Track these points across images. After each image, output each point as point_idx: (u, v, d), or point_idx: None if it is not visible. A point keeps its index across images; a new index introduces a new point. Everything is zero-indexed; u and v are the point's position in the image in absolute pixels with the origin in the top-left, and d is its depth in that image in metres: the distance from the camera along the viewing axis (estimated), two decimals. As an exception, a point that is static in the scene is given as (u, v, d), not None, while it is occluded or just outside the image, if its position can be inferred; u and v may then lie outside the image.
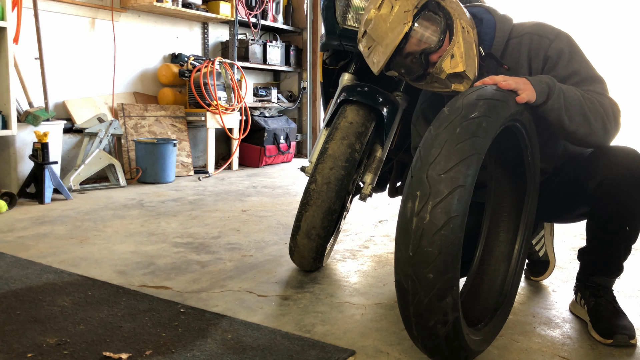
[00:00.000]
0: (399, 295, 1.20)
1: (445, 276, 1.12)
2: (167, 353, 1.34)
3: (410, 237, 1.14)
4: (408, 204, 1.17)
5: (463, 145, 1.15)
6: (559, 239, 2.48)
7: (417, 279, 1.14)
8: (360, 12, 2.04)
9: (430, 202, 1.13)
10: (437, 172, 1.14)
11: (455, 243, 1.12)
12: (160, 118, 4.38)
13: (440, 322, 1.16)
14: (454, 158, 1.15)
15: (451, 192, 1.12)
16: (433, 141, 1.19)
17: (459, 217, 1.12)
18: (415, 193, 1.16)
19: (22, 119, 3.28)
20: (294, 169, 4.94)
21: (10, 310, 1.58)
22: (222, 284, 1.86)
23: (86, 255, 2.17)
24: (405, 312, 1.21)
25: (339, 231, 2.19)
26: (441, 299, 1.14)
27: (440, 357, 1.25)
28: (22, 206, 3.05)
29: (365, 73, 2.21)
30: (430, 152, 1.18)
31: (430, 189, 1.14)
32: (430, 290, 1.13)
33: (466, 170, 1.14)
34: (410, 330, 1.24)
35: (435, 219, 1.12)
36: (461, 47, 1.48)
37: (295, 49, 5.73)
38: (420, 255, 1.13)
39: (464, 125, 1.18)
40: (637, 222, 1.48)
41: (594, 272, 1.57)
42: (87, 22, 4.07)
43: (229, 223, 2.78)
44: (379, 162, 2.03)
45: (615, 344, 1.43)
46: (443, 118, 1.23)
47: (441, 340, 1.19)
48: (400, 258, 1.17)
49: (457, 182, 1.13)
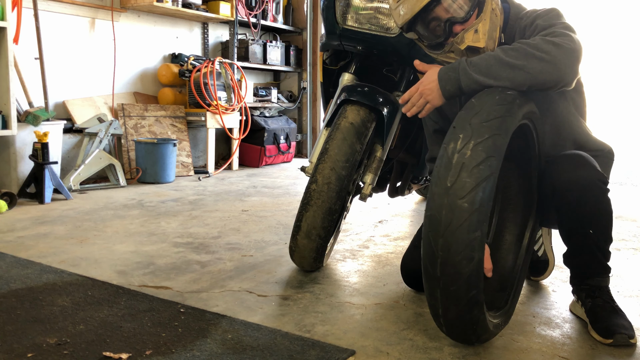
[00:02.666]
0: (429, 230, 1.28)
1: (478, 207, 1.22)
2: (167, 353, 1.34)
3: (450, 169, 1.26)
4: (450, 145, 1.31)
5: (500, 108, 1.33)
6: (559, 238, 2.48)
7: (452, 208, 1.24)
8: (360, 12, 2.04)
9: (472, 141, 1.28)
10: (479, 120, 1.31)
11: (490, 180, 1.24)
12: (160, 118, 4.38)
13: (468, 257, 1.23)
14: (494, 113, 1.32)
15: (491, 136, 1.27)
16: (476, 101, 1.37)
17: (495, 158, 1.25)
18: (458, 135, 1.31)
19: (22, 119, 3.28)
20: (294, 169, 4.94)
21: (10, 310, 1.58)
22: (222, 284, 1.86)
23: (86, 255, 2.17)
24: (432, 248, 1.27)
25: (339, 231, 2.19)
26: (472, 231, 1.22)
27: (456, 309, 1.28)
28: (22, 206, 3.05)
29: (365, 73, 2.21)
30: (474, 106, 1.35)
31: (473, 132, 1.29)
32: (463, 219, 1.23)
33: (503, 125, 1.30)
34: (432, 271, 1.28)
35: (475, 155, 1.26)
36: (486, 25, 1.51)
37: (295, 49, 5.73)
38: (458, 184, 1.24)
39: (501, 97, 1.37)
40: (599, 225, 1.48)
41: (583, 275, 1.58)
42: (87, 22, 4.07)
43: (229, 223, 2.78)
44: (379, 162, 2.04)
45: (615, 344, 1.43)
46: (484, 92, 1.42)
47: (463, 283, 1.24)
48: (437, 191, 1.28)
49: (495, 130, 1.28)
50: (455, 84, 1.45)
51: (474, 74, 1.42)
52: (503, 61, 1.41)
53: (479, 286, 1.26)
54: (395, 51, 2.03)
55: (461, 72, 1.44)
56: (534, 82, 1.41)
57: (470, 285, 1.25)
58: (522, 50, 1.42)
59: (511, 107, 1.33)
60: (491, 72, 1.41)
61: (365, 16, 2.03)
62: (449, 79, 1.46)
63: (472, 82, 1.43)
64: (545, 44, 1.41)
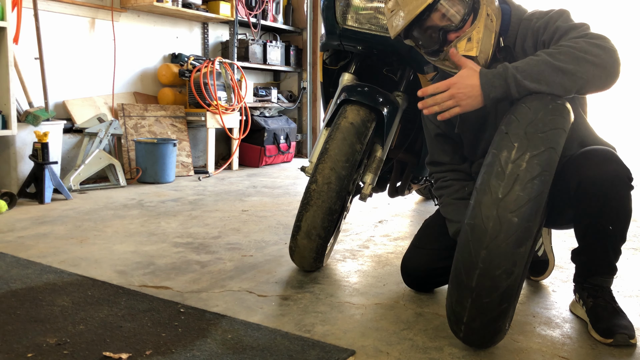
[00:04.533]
0: (471, 240, 1.24)
1: (528, 224, 1.19)
2: (167, 353, 1.34)
3: (503, 180, 1.22)
4: (503, 153, 1.26)
5: (557, 120, 1.28)
6: (559, 239, 2.48)
7: (500, 221, 1.20)
8: (360, 12, 2.04)
9: (528, 153, 1.23)
10: (535, 130, 1.26)
11: (542, 195, 1.21)
12: (160, 118, 4.38)
13: (507, 271, 1.20)
14: (550, 125, 1.27)
15: (546, 150, 1.24)
16: (529, 107, 1.31)
17: (548, 174, 1.22)
18: (512, 144, 1.26)
19: (22, 119, 3.28)
20: (294, 169, 4.94)
21: (10, 310, 1.58)
22: (222, 284, 1.86)
23: (86, 255, 2.17)
24: (472, 258, 1.23)
25: (339, 231, 2.19)
26: (517, 246, 1.19)
27: (483, 319, 1.26)
28: (22, 206, 3.05)
29: (365, 73, 2.21)
30: (527, 113, 1.30)
31: (529, 143, 1.24)
32: (511, 233, 1.19)
33: (557, 138, 1.26)
34: (467, 281, 1.24)
35: (531, 168, 1.22)
36: (480, 32, 1.48)
37: (295, 49, 5.73)
38: (510, 197, 1.20)
39: (554, 107, 1.32)
40: (619, 222, 1.47)
41: (589, 273, 1.58)
42: (87, 22, 4.07)
43: (229, 223, 2.78)
44: (379, 162, 2.04)
45: (615, 344, 1.43)
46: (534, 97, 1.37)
47: (497, 296, 1.21)
48: (484, 201, 1.24)
49: (551, 143, 1.24)
50: (502, 91, 1.39)
51: (525, 81, 1.37)
52: (554, 66, 1.37)
53: (512, 300, 1.24)
54: (395, 51, 2.03)
55: (510, 80, 1.38)
56: (587, 88, 1.39)
57: (503, 299, 1.23)
58: (571, 54, 1.37)
59: (564, 119, 1.29)
60: (543, 79, 1.37)
61: (365, 16, 2.03)
62: (495, 86, 1.39)
63: (523, 90, 1.38)
64: (592, 47, 1.38)
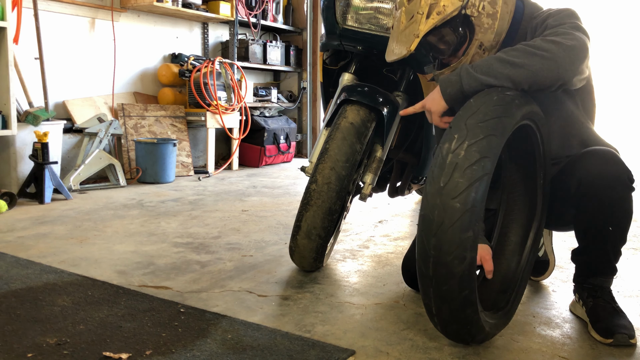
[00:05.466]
0: (422, 230, 1.29)
1: (470, 208, 1.22)
2: (167, 353, 1.34)
3: (443, 169, 1.26)
4: (445, 145, 1.31)
5: (498, 108, 1.32)
6: (559, 239, 2.48)
7: (444, 208, 1.24)
8: (360, 12, 2.04)
9: (466, 142, 1.28)
10: (475, 121, 1.30)
11: (484, 180, 1.24)
12: (160, 118, 4.38)
13: (459, 257, 1.23)
14: (490, 114, 1.31)
15: (485, 137, 1.27)
16: (474, 101, 1.37)
17: (489, 159, 1.25)
18: (453, 136, 1.30)
19: (22, 119, 3.28)
20: (294, 169, 4.94)
21: (10, 310, 1.58)
22: (222, 284, 1.86)
23: (86, 255, 2.17)
24: (425, 247, 1.28)
25: (339, 231, 2.19)
26: (463, 231, 1.22)
27: (448, 308, 1.29)
28: (22, 206, 3.05)
29: (365, 73, 2.21)
30: (471, 106, 1.35)
31: (468, 132, 1.29)
32: (455, 219, 1.23)
33: (499, 125, 1.30)
34: (425, 271, 1.29)
35: (469, 155, 1.26)
36: (468, 62, 1.54)
37: (295, 49, 5.73)
38: (450, 185, 1.24)
39: (499, 98, 1.36)
40: (619, 223, 1.47)
41: (589, 273, 1.58)
42: (87, 22, 4.07)
43: (229, 223, 2.78)
44: (379, 162, 2.03)
45: (615, 344, 1.43)
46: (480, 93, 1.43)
47: (455, 282, 1.25)
48: (430, 191, 1.29)
49: (491, 130, 1.28)
50: (456, 85, 1.46)
51: (475, 73, 1.43)
52: (503, 60, 1.42)
53: (472, 286, 1.26)
54: (395, 51, 2.03)
55: (462, 73, 1.45)
56: (534, 80, 1.41)
57: (462, 285, 1.25)
58: (522, 50, 1.42)
59: (509, 108, 1.33)
60: (491, 71, 1.42)
61: (365, 16, 2.03)
62: (450, 82, 1.47)
63: (473, 81, 1.43)
64: (544, 42, 1.42)
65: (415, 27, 1.50)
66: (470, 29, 1.51)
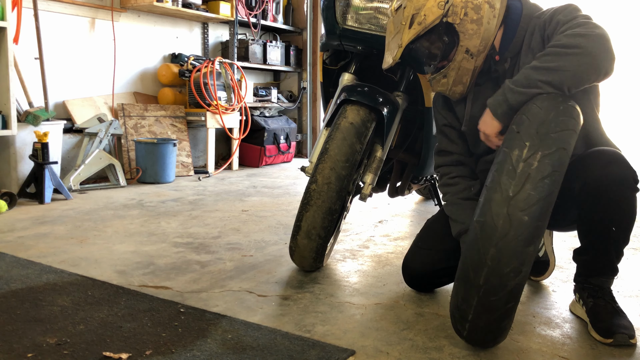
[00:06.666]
0: (480, 238, 1.25)
1: (538, 223, 1.20)
2: (167, 353, 1.34)
3: (514, 178, 1.23)
4: (514, 151, 1.27)
5: (568, 121, 1.29)
6: (559, 239, 2.48)
7: (510, 219, 1.21)
8: (360, 12, 2.04)
9: (539, 152, 1.24)
10: (547, 130, 1.27)
11: (552, 195, 1.22)
12: (160, 118, 4.38)
13: (516, 270, 1.21)
14: (562, 126, 1.28)
15: (557, 150, 1.25)
16: (539, 107, 1.32)
17: (559, 174, 1.23)
18: (524, 143, 1.27)
19: (22, 119, 3.28)
20: (294, 169, 4.94)
21: (10, 310, 1.58)
22: (222, 284, 1.86)
23: (86, 255, 2.17)
24: (481, 256, 1.24)
25: (339, 231, 2.19)
26: (527, 245, 1.20)
27: (488, 318, 1.26)
28: (22, 206, 3.05)
29: (365, 73, 2.21)
30: (538, 113, 1.31)
31: (541, 142, 1.26)
32: (521, 232, 1.20)
33: (569, 139, 1.27)
34: (474, 279, 1.25)
35: (542, 167, 1.23)
36: (453, 74, 1.57)
37: (295, 49, 5.73)
38: (521, 196, 1.21)
39: (565, 108, 1.33)
40: (623, 223, 1.47)
41: (590, 273, 1.58)
42: (87, 22, 4.07)
43: (229, 223, 2.78)
44: (379, 162, 2.04)
45: (615, 344, 1.43)
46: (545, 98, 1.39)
47: (504, 294, 1.22)
48: (495, 199, 1.25)
49: (562, 144, 1.25)
50: (504, 105, 1.45)
51: (518, 88, 1.42)
52: (539, 68, 1.41)
53: (518, 299, 1.25)
54: (395, 51, 2.03)
55: (506, 91, 1.44)
56: (577, 78, 1.39)
57: (510, 298, 1.24)
58: (553, 53, 1.41)
59: (577, 123, 1.30)
60: (531, 82, 1.41)
61: (365, 16, 2.04)
62: (498, 103, 1.47)
63: (518, 95, 1.42)
64: (571, 38, 1.40)
65: (399, 37, 1.54)
66: (455, 35, 1.52)
